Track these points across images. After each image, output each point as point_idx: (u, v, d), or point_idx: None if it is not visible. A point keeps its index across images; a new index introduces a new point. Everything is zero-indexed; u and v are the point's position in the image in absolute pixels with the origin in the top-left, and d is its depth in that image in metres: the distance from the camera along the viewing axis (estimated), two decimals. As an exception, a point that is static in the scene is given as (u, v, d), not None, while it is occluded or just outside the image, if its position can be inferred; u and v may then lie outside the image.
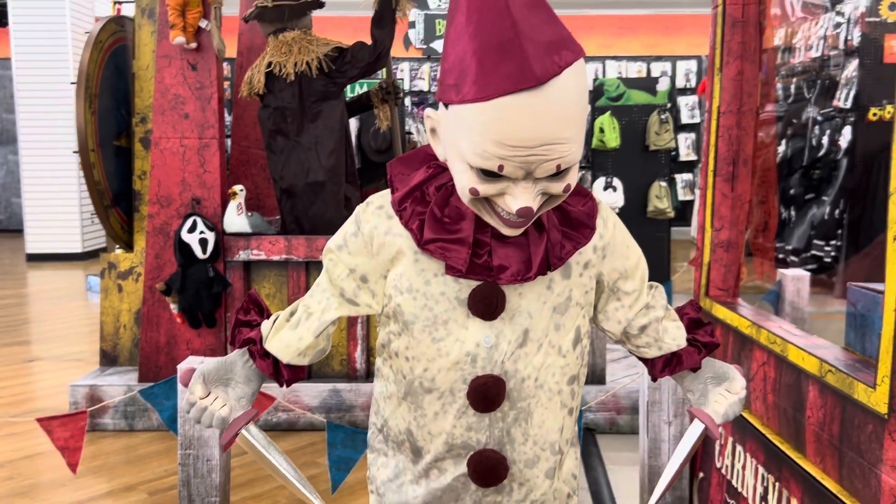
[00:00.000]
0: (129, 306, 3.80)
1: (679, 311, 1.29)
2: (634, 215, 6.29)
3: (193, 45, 3.35)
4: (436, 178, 1.14)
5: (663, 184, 6.49)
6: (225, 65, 9.00)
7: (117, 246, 4.02)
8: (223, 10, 3.50)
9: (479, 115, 0.95)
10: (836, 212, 5.96)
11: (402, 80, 10.11)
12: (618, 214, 1.27)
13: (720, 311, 2.02)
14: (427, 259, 1.13)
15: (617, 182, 6.33)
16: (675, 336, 1.24)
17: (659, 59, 10.73)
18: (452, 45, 1.00)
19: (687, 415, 2.00)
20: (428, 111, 1.09)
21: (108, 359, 3.82)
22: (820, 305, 5.19)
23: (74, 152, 3.63)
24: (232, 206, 3.46)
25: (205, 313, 3.44)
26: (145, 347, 3.53)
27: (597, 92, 6.57)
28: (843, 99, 6.01)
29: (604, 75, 10.34)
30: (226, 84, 8.99)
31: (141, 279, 3.75)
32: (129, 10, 4.06)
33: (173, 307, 3.43)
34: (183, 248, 3.36)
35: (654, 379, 1.29)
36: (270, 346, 1.22)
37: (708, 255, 2.09)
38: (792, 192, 6.34)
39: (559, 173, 0.99)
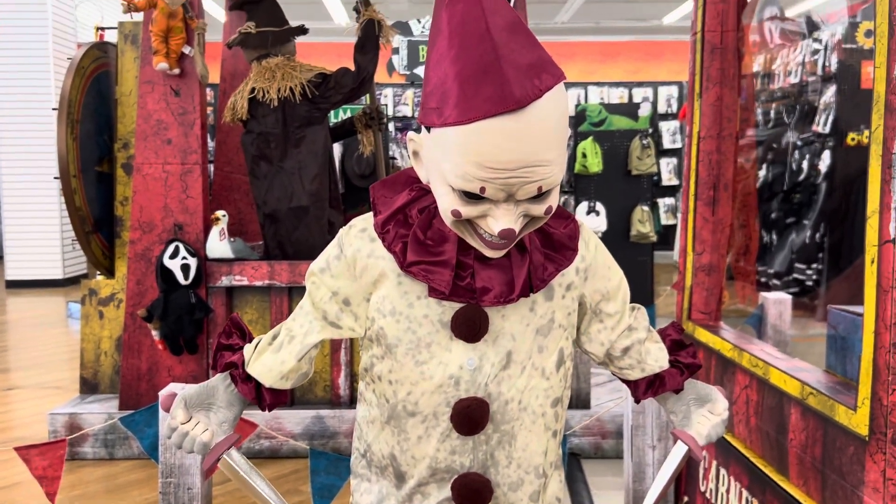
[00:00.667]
0: (109, 333, 3.76)
1: (661, 332, 1.29)
2: (617, 239, 6.33)
3: (176, 70, 3.36)
4: (418, 200, 1.14)
5: (646, 208, 6.54)
6: (208, 90, 9.01)
7: (98, 272, 3.99)
8: (207, 35, 3.51)
9: (461, 138, 0.96)
10: (817, 235, 6.02)
11: (386, 105, 10.16)
12: (601, 239, 1.28)
13: (703, 335, 2.02)
14: (410, 282, 1.13)
15: (600, 206, 6.38)
16: (657, 357, 1.24)
17: (641, 84, 10.86)
18: (434, 69, 1.01)
19: (671, 438, 2.00)
20: (410, 134, 1.10)
21: (89, 386, 3.78)
22: (802, 328, 5.21)
23: (55, 178, 3.61)
24: (214, 231, 3.45)
25: (186, 339, 3.41)
26: (126, 374, 3.49)
27: (579, 117, 6.63)
28: (822, 124, 6.09)
29: (586, 101, 10.45)
30: (209, 109, 9.00)
31: (122, 305, 3.71)
32: (112, 36, 4.06)
33: (155, 333, 3.40)
34: (165, 274, 3.34)
35: (637, 401, 1.29)
36: (252, 369, 1.21)
37: (690, 278, 2.10)
38: (773, 215, 6.40)
39: (541, 195, 1.00)
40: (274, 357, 1.21)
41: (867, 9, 5.87)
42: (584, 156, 6.40)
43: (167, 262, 3.34)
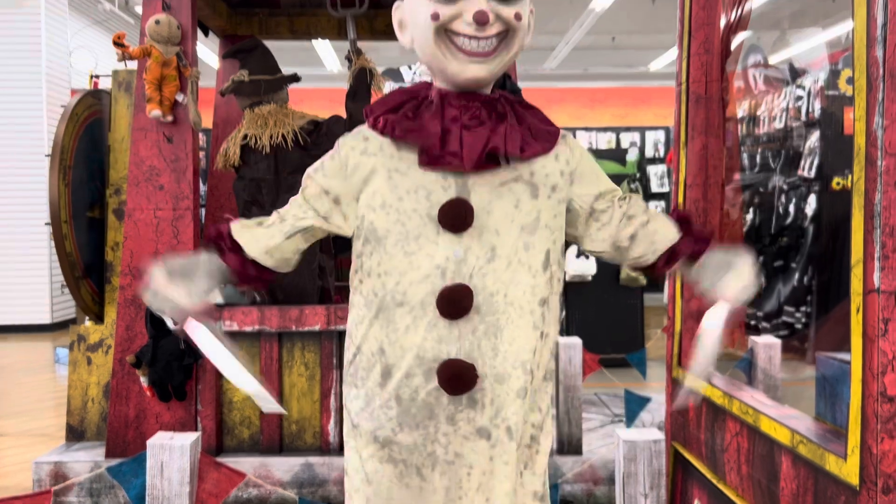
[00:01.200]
0: (97, 379, 3.73)
1: (669, 214, 1.35)
2: (607, 283, 6.35)
3: (170, 118, 3.39)
4: (409, 101, 1.23)
5: (635, 252, 6.57)
6: (201, 135, 9.07)
7: (87, 318, 3.97)
8: (200, 81, 3.55)
9: None
10: (805, 278, 6.06)
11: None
12: (590, 282, 1.36)
13: (693, 382, 2.03)
14: (400, 176, 1.19)
15: (589, 250, 6.41)
16: (665, 234, 1.29)
17: (628, 129, 11.00)
18: None
19: (664, 480, 1.99)
20: (396, 3, 1.23)
21: (75, 434, 3.73)
22: (793, 372, 5.22)
23: (46, 224, 3.61)
24: (205, 277, 3.44)
25: (175, 386, 3.38)
26: (113, 422, 3.45)
27: (568, 162, 6.71)
28: (808, 168, 6.18)
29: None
30: (201, 154, 9.04)
31: (111, 352, 3.69)
32: (106, 82, 4.10)
33: (143, 380, 3.37)
34: (154, 320, 3.33)
35: (658, 273, 1.32)
36: (240, 237, 1.26)
37: (679, 324, 2.12)
38: (761, 259, 6.45)
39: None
40: (263, 231, 1.27)
41: (848, 56, 6.00)
42: (574, 200, 6.46)
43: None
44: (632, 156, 7.05)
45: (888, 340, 1.18)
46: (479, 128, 1.17)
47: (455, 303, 1.16)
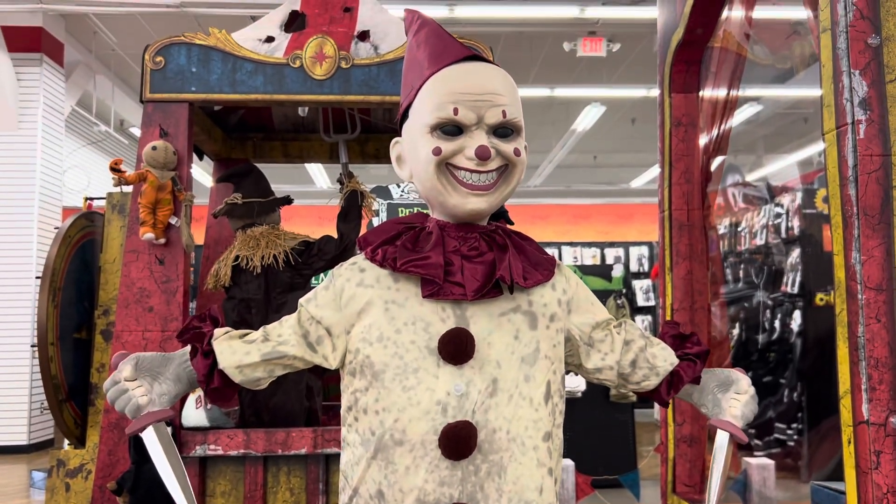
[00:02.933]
0: (75, 506, 3.61)
1: (660, 335, 1.35)
2: (597, 400, 6.30)
3: (162, 240, 3.43)
4: (406, 232, 1.24)
5: (624, 368, 6.55)
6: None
7: (68, 442, 3.88)
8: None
9: (435, 83, 1.19)
10: (795, 395, 6.04)
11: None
12: (579, 399, 1.38)
13: (689, 509, 2.00)
14: (397, 308, 1.19)
15: (578, 367, 6.38)
16: (665, 357, 1.29)
17: (612, 245, 11.19)
18: (409, 71, 1.25)
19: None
20: (394, 140, 1.29)
21: (49, 565, 3.58)
22: (787, 490, 5.12)
23: (33, 346, 3.58)
24: (191, 399, 3.40)
25: (156, 514, 3.28)
26: (90, 552, 3.32)
27: (555, 278, 6.78)
28: (790, 284, 6.27)
29: (560, 260, 10.70)
30: (190, 271, 9.05)
31: (91, 477, 3.59)
32: (100, 204, 4.17)
33: (124, 508, 3.26)
34: (138, 445, 3.25)
35: (664, 403, 1.32)
36: (218, 345, 1.23)
37: (672, 450, 2.10)
38: (749, 374, 6.43)
39: (507, 134, 1.19)
40: (242, 345, 1.24)
41: (822, 176, 6.21)
42: (561, 316, 6.49)
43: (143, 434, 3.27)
44: (617, 271, 7.16)
45: (881, 473, 1.18)
46: (480, 258, 1.19)
47: (460, 442, 1.13)
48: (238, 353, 1.23)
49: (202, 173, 9.18)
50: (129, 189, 3.59)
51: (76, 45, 8.74)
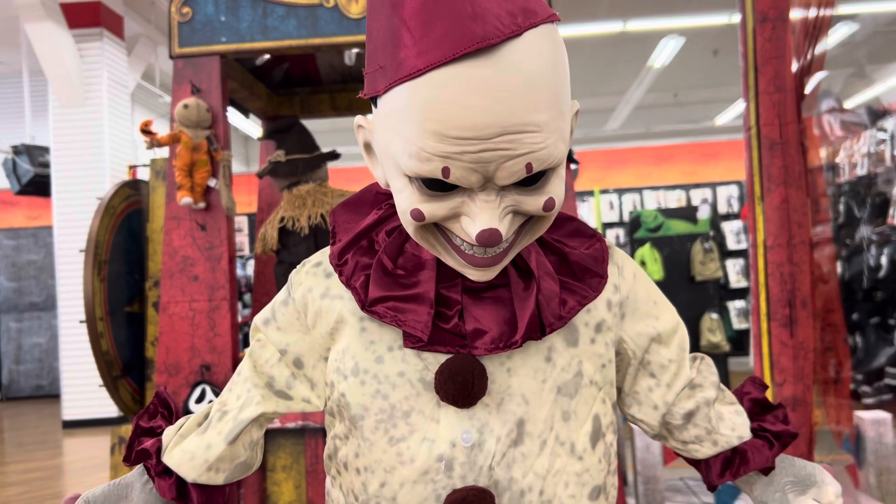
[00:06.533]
0: (139, 484, 3.52)
1: (738, 391, 0.96)
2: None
3: (202, 204, 3.23)
4: (388, 220, 0.86)
5: (714, 315, 6.13)
6: (245, 220, 9.07)
7: (129, 419, 3.79)
8: (244, 168, 3.41)
9: (412, 99, 0.68)
10: (908, 336, 5.51)
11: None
12: None
13: None
14: (378, 327, 0.83)
15: (664, 317, 6.00)
16: (734, 425, 0.92)
17: (698, 186, 10.58)
18: (375, 18, 0.73)
19: None
20: (357, 118, 0.81)
21: (117, 544, 3.50)
22: (904, 442, 4.65)
23: (81, 322, 3.47)
24: (244, 371, 3.22)
25: (215, 492, 3.13)
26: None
27: (634, 224, 6.37)
28: (898, 216, 5.70)
29: (642, 206, 10.19)
30: (246, 240, 9.01)
31: (151, 454, 3.48)
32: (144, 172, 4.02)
33: (181, 486, 3.13)
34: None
35: (711, 487, 0.93)
36: (170, 459, 0.90)
37: (771, 415, 1.75)
38: (855, 317, 5.92)
39: (535, 181, 0.71)
40: (199, 441, 0.90)
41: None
42: (644, 263, 6.09)
43: (193, 406, 3.12)
44: (703, 213, 6.66)
45: None
46: (493, 293, 0.81)
47: None
48: (198, 456, 0.90)
49: (256, 130, 9.09)
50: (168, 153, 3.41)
51: (135, 17, 8.69)
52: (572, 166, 3.20)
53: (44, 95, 8.42)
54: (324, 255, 0.91)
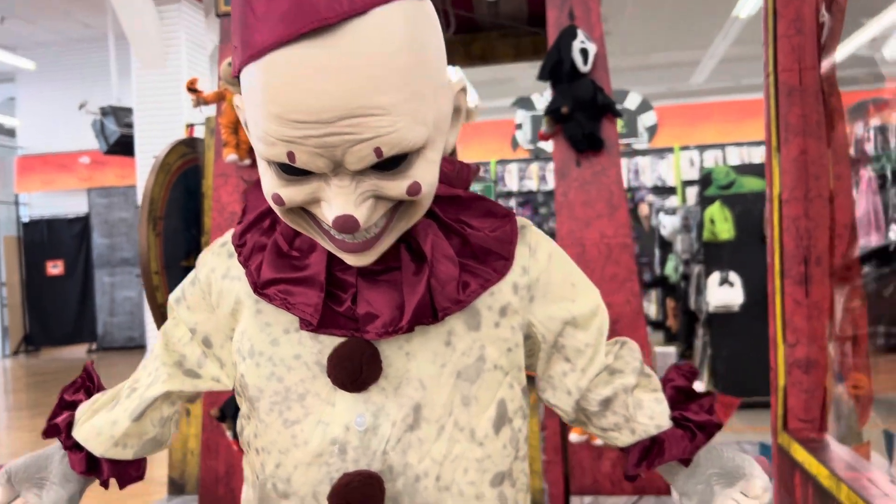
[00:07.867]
0: (196, 431, 3.66)
1: (664, 379, 0.91)
2: (757, 313, 5.69)
3: (247, 161, 3.29)
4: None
5: (789, 277, 5.88)
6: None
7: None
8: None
9: (256, 81, 0.67)
10: None
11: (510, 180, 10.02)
12: (737, 313, 0.90)
13: (799, 453, 1.58)
14: (273, 310, 0.82)
15: (734, 277, 5.79)
16: (653, 413, 0.87)
17: (784, 142, 10.12)
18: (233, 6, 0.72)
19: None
20: (235, 97, 0.80)
21: (176, 487, 3.67)
22: None
23: (137, 276, 3.60)
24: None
25: (261, 440, 3.24)
26: (205, 477, 3.35)
27: (705, 181, 6.14)
28: None
29: (724, 162, 9.82)
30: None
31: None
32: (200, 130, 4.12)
33: (229, 434, 3.24)
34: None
35: (630, 477, 0.89)
36: (79, 433, 0.92)
37: (782, 377, 1.68)
38: (892, 287, 5.59)
39: (394, 165, 0.69)
40: (107, 417, 0.91)
41: None
42: (713, 222, 5.88)
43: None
44: (783, 170, 6.37)
45: None
46: (388, 276, 0.79)
47: (357, 501, 0.78)
48: (104, 431, 0.90)
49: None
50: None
51: (212, -22, 8.84)
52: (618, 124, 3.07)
53: (128, 58, 8.71)
54: (228, 237, 0.90)
